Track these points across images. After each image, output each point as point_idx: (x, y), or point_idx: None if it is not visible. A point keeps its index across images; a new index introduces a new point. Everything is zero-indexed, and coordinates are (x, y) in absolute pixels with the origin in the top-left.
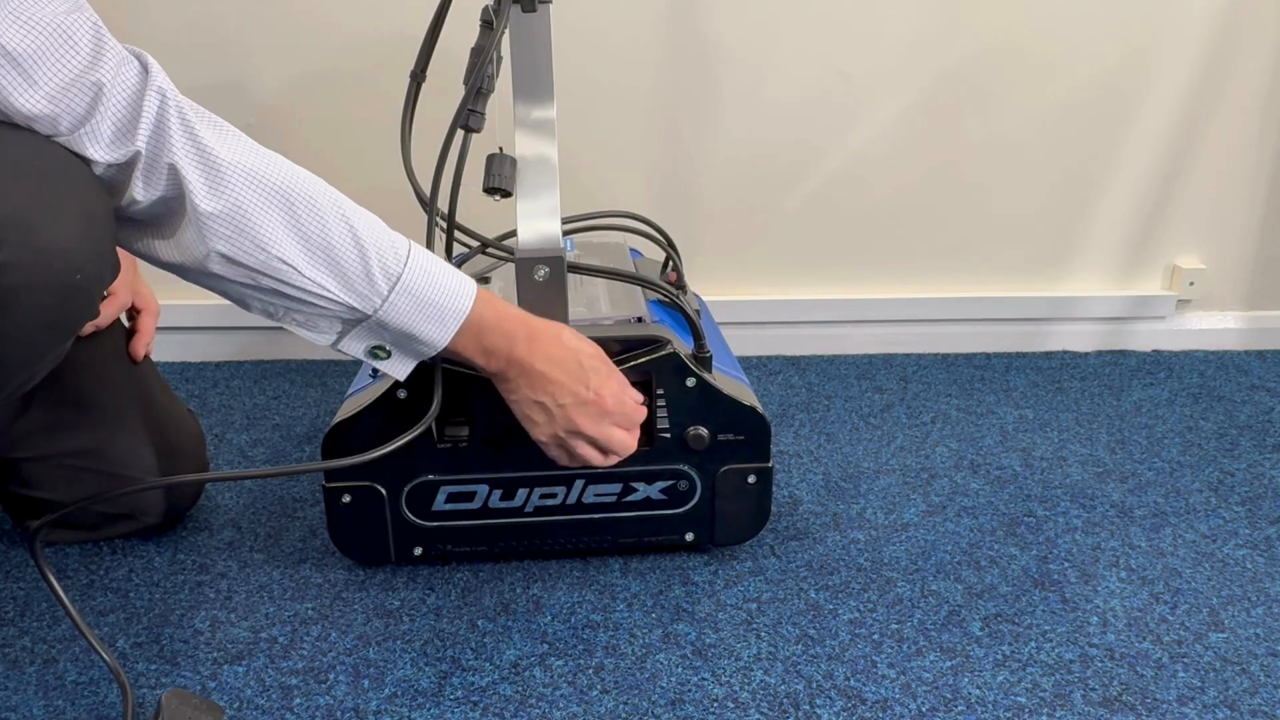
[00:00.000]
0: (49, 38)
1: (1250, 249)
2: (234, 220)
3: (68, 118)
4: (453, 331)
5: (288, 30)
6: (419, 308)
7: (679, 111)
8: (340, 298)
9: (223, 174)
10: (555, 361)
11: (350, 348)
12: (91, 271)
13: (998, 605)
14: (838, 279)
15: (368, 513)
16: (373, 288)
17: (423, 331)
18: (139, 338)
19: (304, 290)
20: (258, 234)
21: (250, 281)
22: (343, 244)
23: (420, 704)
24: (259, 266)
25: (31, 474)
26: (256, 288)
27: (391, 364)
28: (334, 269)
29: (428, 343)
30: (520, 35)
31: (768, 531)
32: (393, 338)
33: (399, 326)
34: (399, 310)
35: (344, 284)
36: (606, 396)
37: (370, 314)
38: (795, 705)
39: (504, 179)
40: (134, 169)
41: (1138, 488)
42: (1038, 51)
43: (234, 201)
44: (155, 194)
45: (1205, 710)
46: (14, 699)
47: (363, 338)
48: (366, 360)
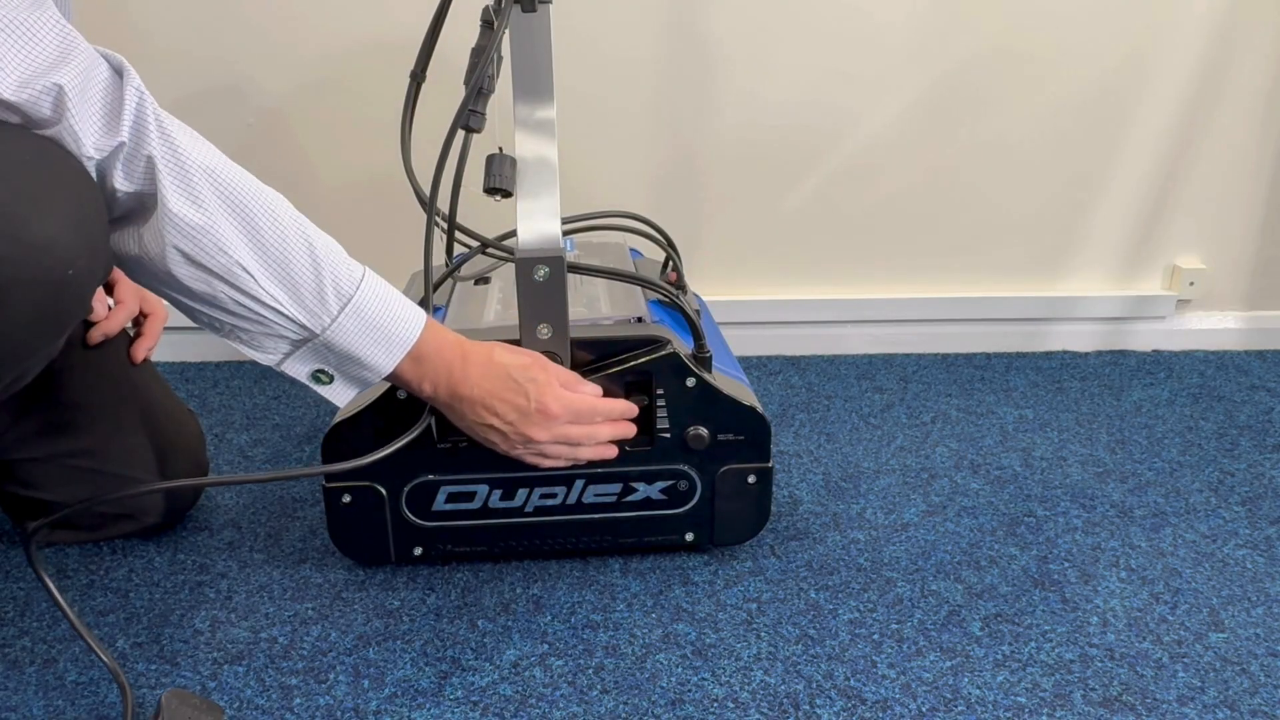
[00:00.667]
0: (12, 31)
1: (1250, 249)
2: (198, 222)
3: (46, 104)
4: (398, 358)
5: (287, 30)
6: (367, 331)
7: (679, 111)
8: (291, 312)
9: (191, 175)
10: (491, 380)
11: (293, 369)
12: (83, 267)
13: (998, 605)
14: (838, 279)
15: (368, 513)
16: (323, 306)
17: (368, 355)
18: (142, 341)
19: (256, 300)
20: (219, 237)
21: (205, 288)
22: (299, 259)
23: (420, 704)
24: (218, 270)
25: (31, 475)
26: (209, 297)
27: (333, 389)
28: (288, 283)
29: (372, 367)
30: (520, 35)
31: (768, 531)
32: (337, 361)
33: (345, 348)
34: (346, 331)
35: (296, 299)
36: (550, 403)
37: (318, 333)
38: (795, 705)
39: (504, 179)
40: (117, 160)
41: (1138, 488)
42: (1038, 52)
43: (200, 202)
44: (133, 187)
45: (1205, 710)
46: (14, 699)
47: (307, 360)
48: (309, 384)
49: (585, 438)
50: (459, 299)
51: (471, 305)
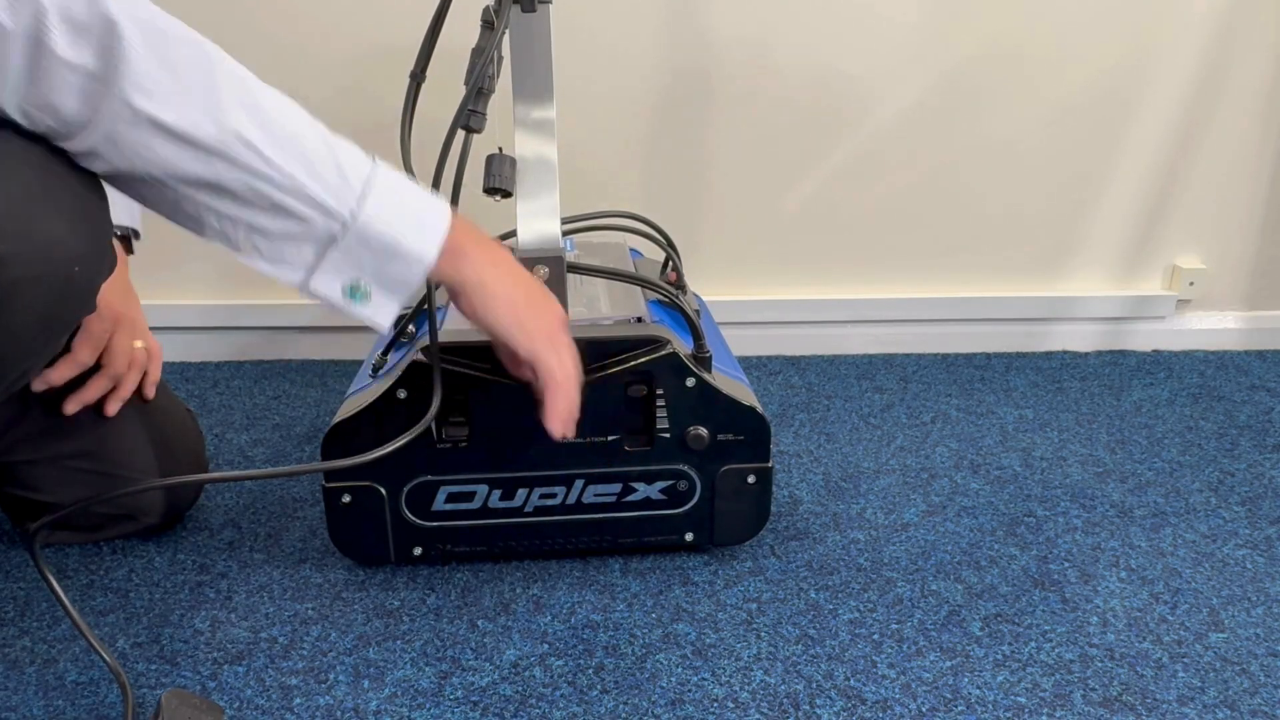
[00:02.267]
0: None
1: (1250, 249)
2: (181, 80)
3: None
4: (440, 238)
5: (287, 31)
6: (399, 210)
7: (679, 111)
8: (312, 191)
9: (168, 37)
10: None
11: (324, 285)
12: (89, 265)
13: (998, 605)
14: (838, 279)
15: (367, 513)
16: (346, 184)
17: (408, 241)
18: (116, 392)
19: (266, 180)
20: (212, 101)
21: (201, 169)
22: (308, 133)
23: (420, 704)
24: (213, 143)
25: (31, 476)
26: (211, 182)
27: (373, 306)
28: (301, 159)
29: (414, 256)
30: (520, 35)
31: (768, 531)
32: (373, 262)
33: (381, 236)
34: (380, 212)
35: (314, 176)
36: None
37: (347, 218)
38: (795, 705)
39: (504, 179)
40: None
41: (1138, 488)
42: (1038, 52)
43: (179, 62)
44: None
45: (1205, 710)
46: (14, 699)
47: (338, 268)
48: (345, 305)
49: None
50: None
51: None
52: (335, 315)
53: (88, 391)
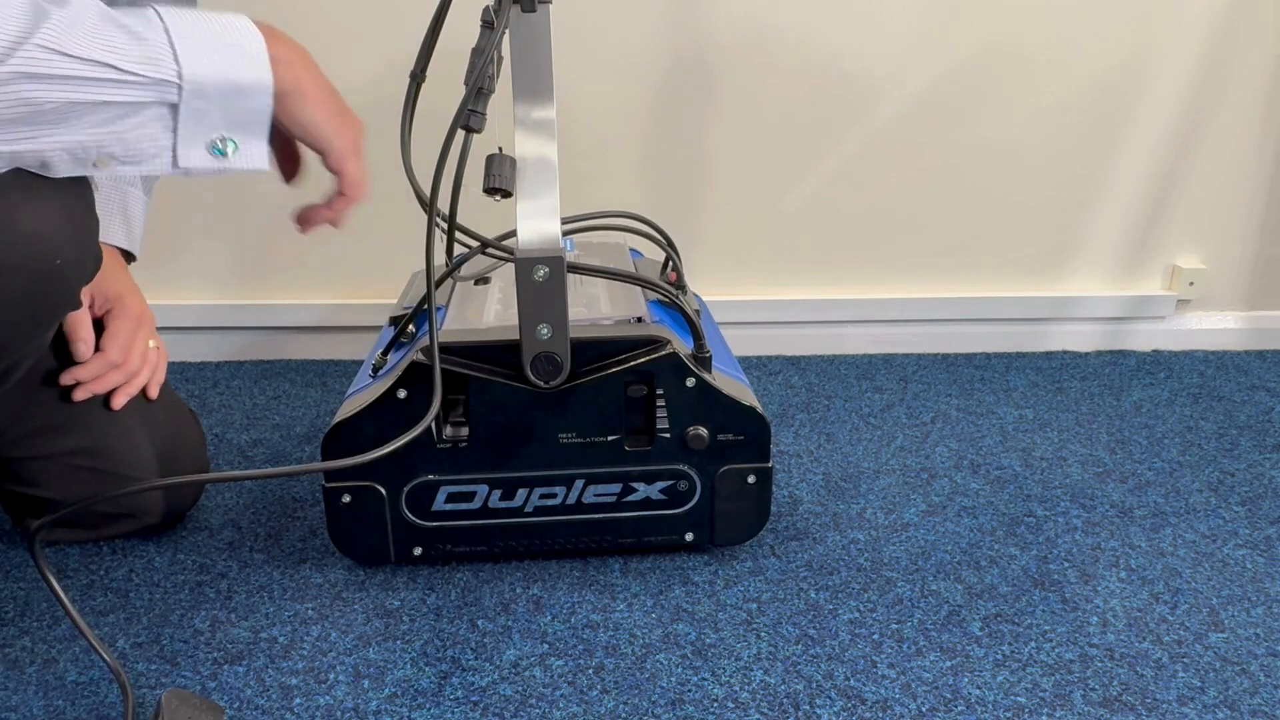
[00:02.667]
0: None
1: (1250, 249)
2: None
3: None
4: (264, 57)
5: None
6: (215, 47)
7: (679, 111)
8: (129, 71)
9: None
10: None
11: (190, 155)
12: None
13: (998, 605)
14: (838, 279)
15: (367, 513)
16: (154, 49)
17: (242, 74)
18: (124, 388)
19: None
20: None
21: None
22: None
23: (420, 704)
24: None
25: (31, 473)
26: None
27: (242, 153)
28: (103, 46)
29: (254, 86)
30: (520, 35)
31: (768, 531)
32: (220, 110)
33: (216, 80)
34: (198, 59)
35: (122, 56)
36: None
37: (175, 80)
38: (795, 705)
39: (504, 179)
40: None
41: (1138, 488)
42: (1038, 51)
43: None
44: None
45: (1205, 710)
46: (14, 699)
47: (194, 129)
48: (217, 164)
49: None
50: (459, 299)
51: (471, 305)
52: (336, 316)
53: (102, 383)
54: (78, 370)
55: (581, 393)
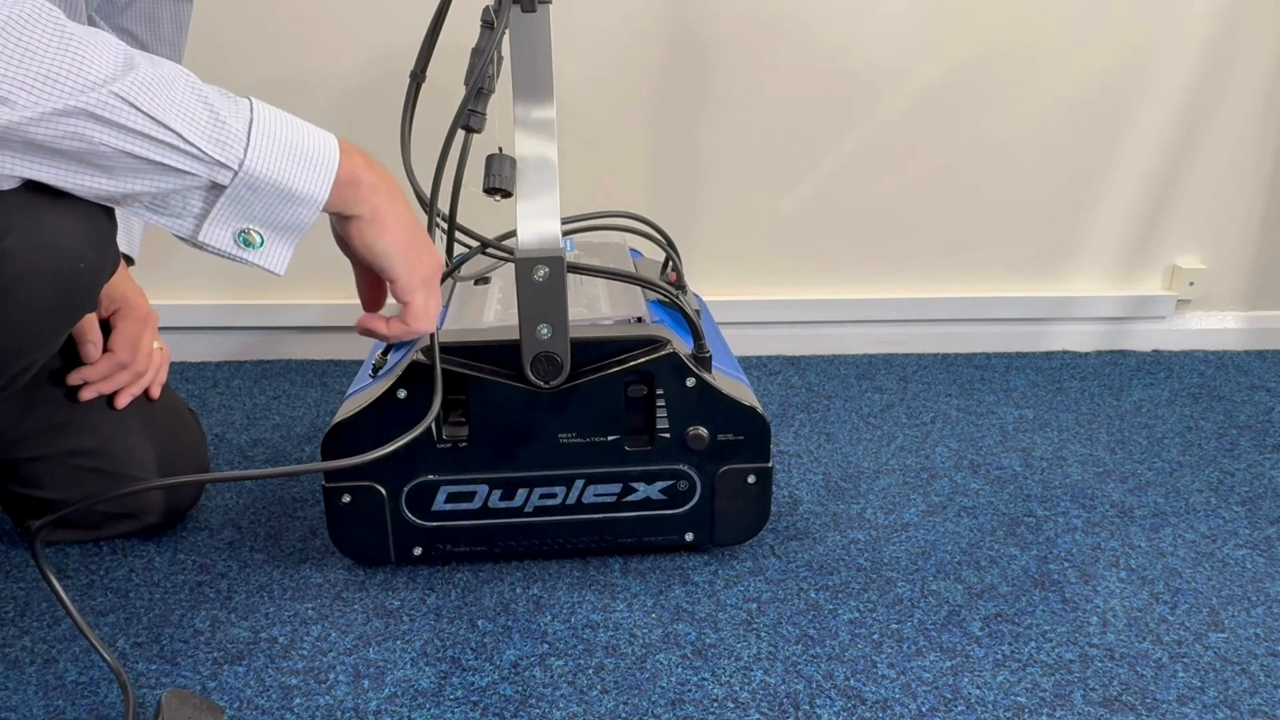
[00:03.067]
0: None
1: (1250, 249)
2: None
3: None
4: (332, 176)
5: (287, 30)
6: (286, 151)
7: (679, 111)
8: (194, 144)
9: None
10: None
11: (215, 235)
12: (93, 260)
13: (998, 605)
14: (838, 279)
15: (368, 513)
16: (227, 132)
17: (298, 181)
18: (128, 388)
19: (148, 139)
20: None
21: (77, 144)
22: (178, 86)
23: (420, 704)
24: (87, 105)
25: (32, 473)
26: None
27: (267, 251)
28: (180, 109)
29: (305, 198)
30: (520, 35)
31: (768, 531)
32: (263, 206)
33: (272, 181)
34: (266, 157)
35: (194, 128)
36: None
37: (235, 167)
38: (795, 705)
39: (504, 179)
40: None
41: (1138, 488)
42: (1038, 51)
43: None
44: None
45: (1205, 710)
46: (14, 699)
47: (229, 215)
48: (237, 253)
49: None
50: (459, 299)
51: (471, 305)
52: (336, 316)
53: (111, 383)
54: (86, 371)
55: (581, 393)
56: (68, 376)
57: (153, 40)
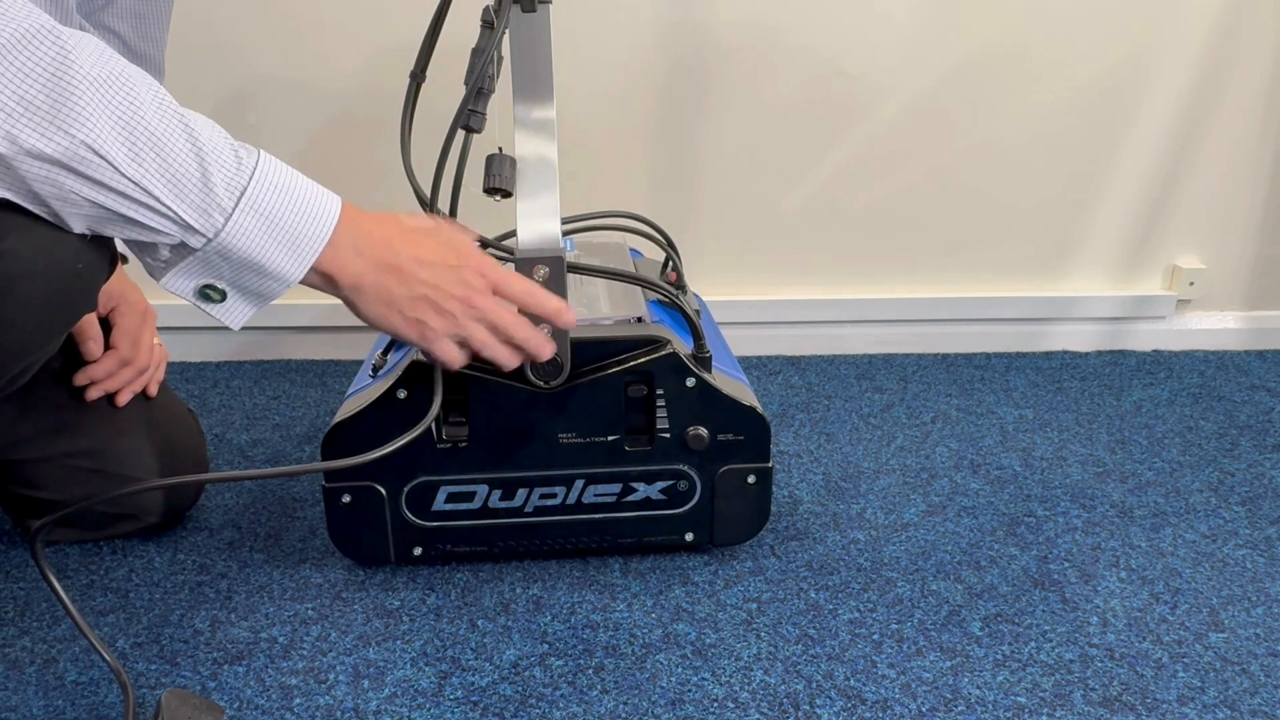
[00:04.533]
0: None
1: (1250, 249)
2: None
3: None
4: (309, 263)
5: (287, 30)
6: (269, 230)
7: (679, 111)
8: (170, 208)
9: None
10: (415, 244)
11: (176, 285)
12: (92, 260)
13: (998, 605)
14: (838, 279)
15: (367, 513)
16: (212, 200)
17: (273, 261)
18: (129, 386)
19: (121, 196)
20: (68, 108)
21: (48, 188)
22: (174, 141)
23: (420, 704)
24: (63, 157)
25: (32, 474)
26: (55, 198)
27: (226, 308)
28: (164, 171)
29: (277, 275)
30: (520, 35)
31: (768, 531)
32: (232, 272)
33: (244, 255)
34: (245, 233)
35: (175, 191)
36: (488, 270)
37: (210, 236)
38: (795, 705)
39: (504, 179)
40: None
41: (1138, 488)
42: (1038, 51)
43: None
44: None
45: (1205, 710)
46: (14, 699)
47: (193, 272)
48: (195, 303)
49: (515, 328)
50: None
51: None
52: (336, 316)
53: (113, 381)
54: (92, 369)
55: (581, 393)
56: (74, 377)
57: (137, 39)
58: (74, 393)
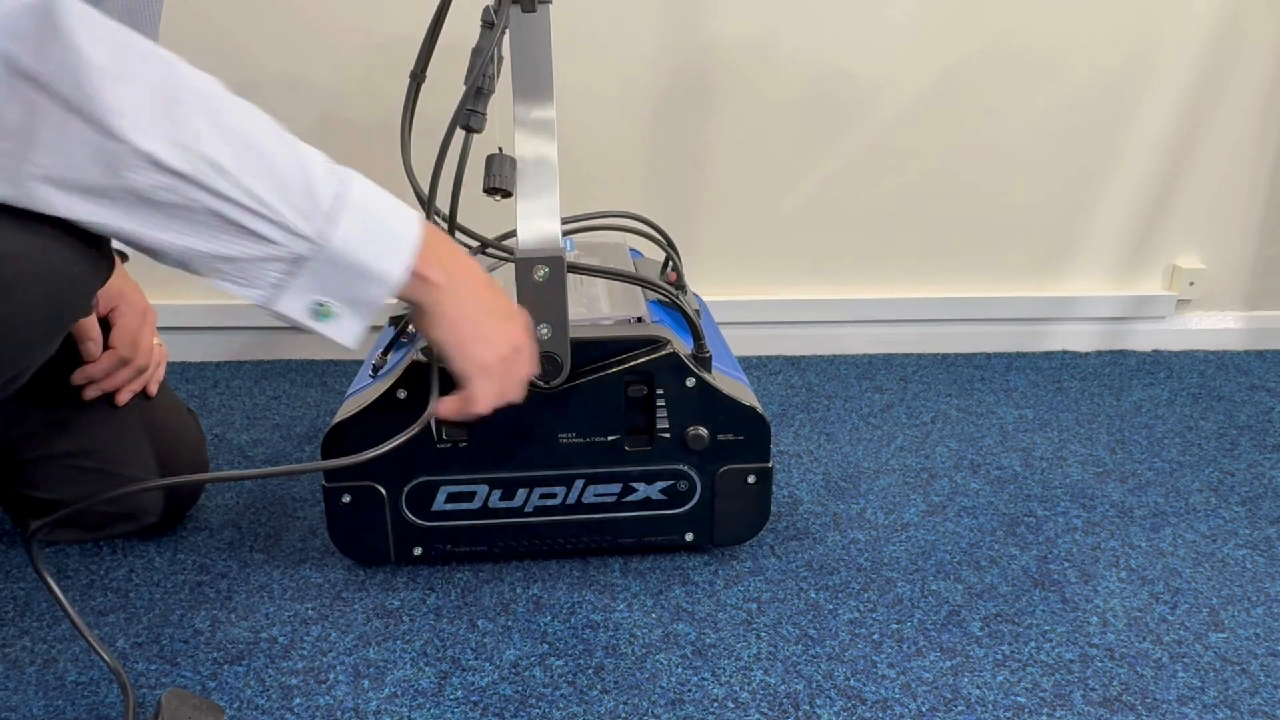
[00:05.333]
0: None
1: (1250, 249)
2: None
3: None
4: (409, 259)
5: (287, 29)
6: (372, 229)
7: (679, 111)
8: (281, 215)
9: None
10: (480, 273)
11: (289, 305)
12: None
13: (998, 605)
14: (838, 279)
15: (367, 513)
16: (315, 204)
17: (377, 261)
18: (130, 385)
19: (237, 205)
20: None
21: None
22: (278, 150)
23: (420, 704)
24: (183, 169)
25: (32, 474)
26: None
27: (338, 324)
28: (272, 180)
29: (381, 277)
30: (520, 35)
31: (768, 531)
32: (341, 281)
33: (350, 257)
34: (350, 234)
35: (283, 197)
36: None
37: (317, 240)
38: (795, 705)
39: (504, 179)
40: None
41: (1138, 488)
42: (1038, 51)
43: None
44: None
45: (1205, 710)
46: (14, 699)
47: (305, 288)
48: (309, 323)
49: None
50: None
51: None
52: None
53: (112, 381)
54: (90, 369)
55: (581, 393)
56: (72, 376)
57: None
58: (73, 392)
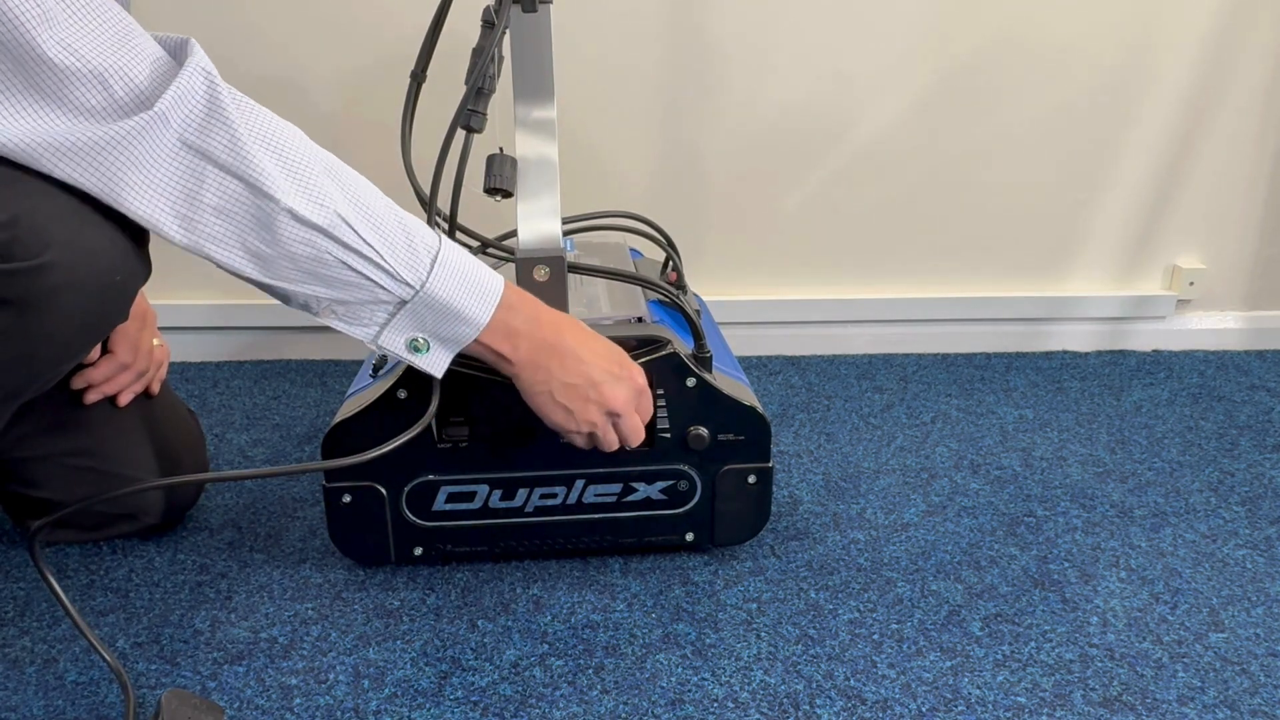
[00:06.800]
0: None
1: (1250, 249)
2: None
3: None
4: (493, 307)
5: (286, 28)
6: (461, 281)
7: (679, 112)
8: (391, 266)
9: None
10: (582, 341)
11: (390, 340)
12: (129, 272)
13: (998, 605)
14: (838, 279)
15: (368, 513)
16: (415, 258)
17: (466, 307)
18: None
19: (360, 256)
20: (318, 187)
21: (308, 249)
22: (386, 213)
23: (420, 704)
24: (322, 223)
25: (32, 474)
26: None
27: (430, 357)
28: (384, 237)
29: (470, 321)
30: (520, 35)
31: (768, 531)
32: (434, 322)
33: (443, 302)
34: (444, 284)
35: (393, 253)
36: (635, 374)
37: (417, 287)
38: (795, 705)
39: (504, 179)
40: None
41: (1138, 488)
42: (1038, 51)
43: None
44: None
45: (1205, 710)
46: (14, 699)
47: (404, 326)
48: (405, 355)
49: (637, 432)
50: None
51: None
52: None
53: (112, 384)
54: (90, 373)
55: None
56: (71, 380)
57: None
58: (74, 393)
